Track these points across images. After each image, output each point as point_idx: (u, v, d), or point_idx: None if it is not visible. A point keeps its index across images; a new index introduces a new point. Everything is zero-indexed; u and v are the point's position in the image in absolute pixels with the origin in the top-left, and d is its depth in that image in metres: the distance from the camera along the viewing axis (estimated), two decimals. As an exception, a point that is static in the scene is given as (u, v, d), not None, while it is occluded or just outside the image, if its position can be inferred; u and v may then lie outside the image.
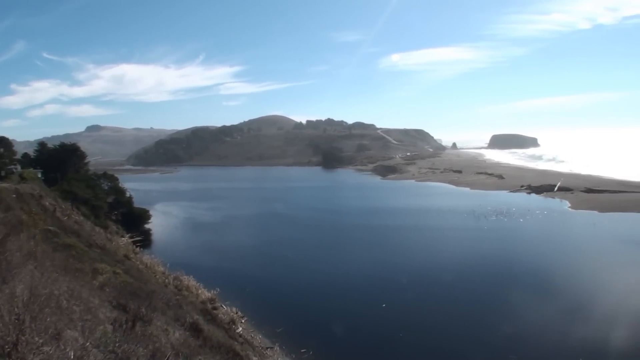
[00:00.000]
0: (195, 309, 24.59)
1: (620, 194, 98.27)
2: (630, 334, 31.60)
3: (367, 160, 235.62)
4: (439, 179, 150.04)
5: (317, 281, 46.37)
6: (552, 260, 53.63)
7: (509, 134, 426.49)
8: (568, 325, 33.55)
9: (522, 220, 75.41)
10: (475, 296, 40.94)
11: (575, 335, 31.52)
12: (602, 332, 31.86)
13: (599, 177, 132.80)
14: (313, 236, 69.80)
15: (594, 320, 34.35)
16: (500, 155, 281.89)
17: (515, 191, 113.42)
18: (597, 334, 31.60)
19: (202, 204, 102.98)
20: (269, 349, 28.97)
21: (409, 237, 66.94)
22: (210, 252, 59.01)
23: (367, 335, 32.90)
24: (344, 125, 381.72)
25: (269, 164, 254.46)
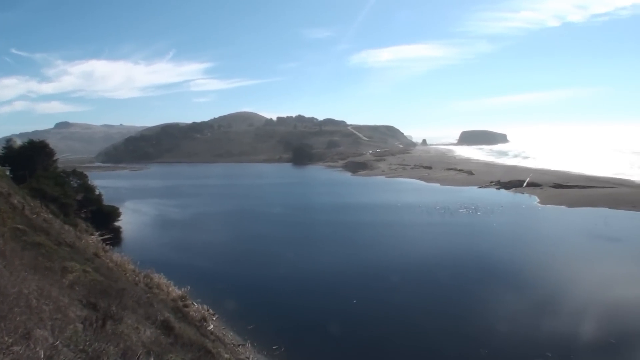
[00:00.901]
0: (166, 307, 24.44)
1: (588, 189, 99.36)
2: (597, 326, 31.99)
3: (338, 156, 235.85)
4: (409, 175, 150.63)
5: (288, 278, 46.30)
6: (521, 254, 54.12)
7: (478, 130, 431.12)
8: (537, 318, 33.86)
9: (492, 216, 75.96)
10: (446, 291, 41.20)
11: (545, 329, 31.84)
12: (570, 325, 32.26)
13: (568, 173, 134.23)
14: (283, 233, 69.74)
15: (563, 313, 34.76)
16: (469, 152, 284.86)
17: (484, 187, 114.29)
18: (566, 327, 31.98)
19: (172, 201, 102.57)
20: (240, 346, 28.89)
21: (380, 233, 67.08)
22: (181, 249, 58.78)
23: (338, 331, 32.88)
24: (314, 122, 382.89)
25: (239, 160, 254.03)
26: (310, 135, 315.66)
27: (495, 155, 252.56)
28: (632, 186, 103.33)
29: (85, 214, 64.80)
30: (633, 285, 41.18)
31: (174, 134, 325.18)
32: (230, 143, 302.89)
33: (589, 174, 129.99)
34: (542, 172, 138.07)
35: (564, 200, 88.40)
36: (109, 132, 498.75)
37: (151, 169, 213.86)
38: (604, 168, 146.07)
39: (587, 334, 30.92)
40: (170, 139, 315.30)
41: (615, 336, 30.57)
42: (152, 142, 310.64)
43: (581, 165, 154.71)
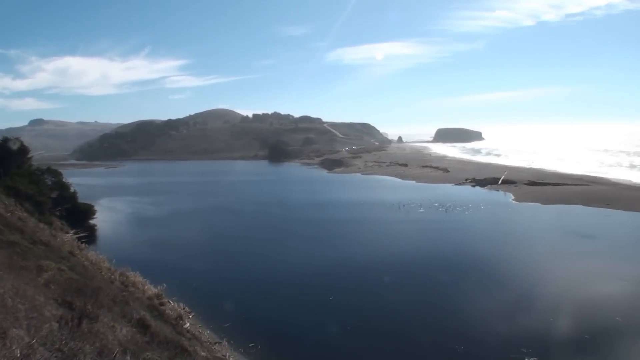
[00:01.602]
0: (142, 305, 24.39)
1: (563, 186, 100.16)
2: (572, 322, 32.36)
3: (314, 153, 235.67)
4: (385, 172, 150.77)
5: (264, 275, 46.34)
6: (497, 251, 54.51)
7: (454, 128, 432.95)
8: (513, 315, 34.19)
9: (468, 213, 76.38)
10: (422, 288, 41.48)
11: (520, 325, 32.17)
12: (545, 321, 32.58)
13: (542, 170, 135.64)
14: (259, 230, 69.71)
15: (538, 309, 35.11)
16: (445, 149, 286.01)
17: (460, 184, 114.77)
18: (541, 323, 32.30)
19: (148, 199, 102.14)
20: (217, 343, 28.86)
21: (356, 230, 67.36)
22: (157, 247, 58.62)
23: (315, 328, 33.07)
24: (290, 119, 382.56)
25: (215, 157, 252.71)
26: (287, 132, 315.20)
27: (470, 152, 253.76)
28: (606, 184, 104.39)
29: (60, 212, 64.22)
30: (606, 281, 41.64)
31: (150, 131, 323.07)
32: (206, 140, 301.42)
33: (563, 171, 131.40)
34: (517, 169, 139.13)
35: (538, 197, 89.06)
36: (83, 129, 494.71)
37: (126, 167, 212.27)
38: (575, 166, 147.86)
39: (562, 329, 31.28)
40: (146, 136, 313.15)
41: (589, 332, 30.93)
42: (127, 139, 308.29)
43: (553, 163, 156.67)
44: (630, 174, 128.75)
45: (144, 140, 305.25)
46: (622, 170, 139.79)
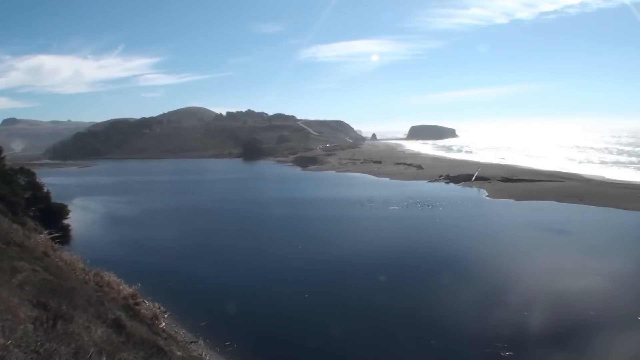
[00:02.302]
0: (117, 305, 24.28)
1: (536, 182, 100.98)
2: (546, 316, 32.66)
3: (288, 151, 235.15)
4: (359, 169, 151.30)
5: (239, 274, 46.37)
6: (471, 247, 54.91)
7: (427, 125, 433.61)
8: (487, 310, 34.42)
9: (441, 209, 76.76)
10: (396, 284, 41.51)
11: (494, 320, 32.39)
12: (519, 316, 32.89)
13: (516, 167, 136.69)
14: (233, 228, 69.57)
15: (512, 304, 35.40)
16: (419, 146, 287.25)
17: (433, 181, 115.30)
18: (515, 318, 32.60)
19: (122, 198, 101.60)
20: (193, 343, 28.84)
21: (331, 228, 67.42)
22: (131, 246, 58.30)
23: (291, 325, 33.12)
24: (264, 117, 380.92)
25: (189, 156, 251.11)
26: (260, 130, 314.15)
27: (444, 149, 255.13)
28: (578, 180, 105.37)
29: (34, 212, 63.67)
30: (580, 276, 42.10)
31: (123, 130, 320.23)
32: (180, 138, 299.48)
33: (537, 168, 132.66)
34: (491, 166, 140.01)
35: (512, 193, 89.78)
36: (56, 128, 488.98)
37: (100, 166, 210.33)
38: (546, 162, 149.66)
39: (537, 324, 31.58)
40: (119, 134, 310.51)
41: (563, 326, 31.24)
42: (100, 138, 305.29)
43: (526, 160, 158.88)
44: (600, 170, 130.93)
45: (118, 139, 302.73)
46: (591, 166, 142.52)
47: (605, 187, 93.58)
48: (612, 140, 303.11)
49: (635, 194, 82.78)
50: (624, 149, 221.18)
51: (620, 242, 55.26)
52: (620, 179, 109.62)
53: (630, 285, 39.75)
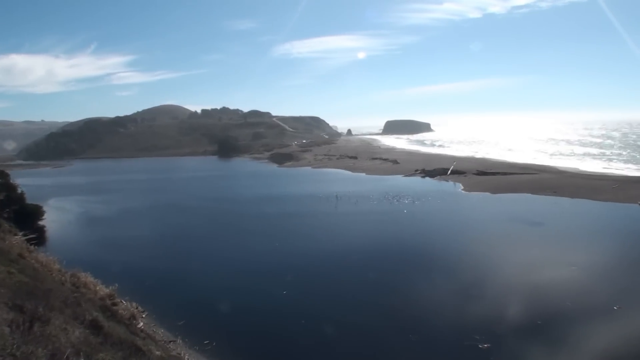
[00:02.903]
0: (94, 306, 24.11)
1: (511, 175, 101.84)
2: (523, 308, 32.92)
3: (264, 148, 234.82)
4: (335, 165, 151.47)
5: (216, 272, 46.21)
6: (448, 240, 55.21)
7: (403, 120, 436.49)
8: (465, 303, 34.63)
9: (418, 203, 77.07)
10: (374, 279, 41.59)
11: (472, 312, 32.61)
12: (497, 308, 33.12)
13: (491, 160, 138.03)
14: (210, 226, 69.53)
15: (490, 297, 35.67)
16: (394, 141, 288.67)
17: (409, 175, 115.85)
18: (493, 310, 32.83)
19: (97, 198, 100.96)
20: (171, 342, 28.69)
21: (307, 224, 67.37)
22: (107, 246, 57.85)
23: (269, 322, 33.09)
24: (239, 114, 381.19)
25: (164, 154, 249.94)
26: (236, 127, 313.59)
27: (419, 144, 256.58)
28: (552, 172, 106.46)
29: (8, 213, 63.08)
30: (556, 267, 42.43)
31: (97, 129, 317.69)
32: (155, 137, 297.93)
33: (511, 161, 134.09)
34: (466, 159, 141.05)
35: (487, 186, 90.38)
36: (30, 128, 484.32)
37: (74, 166, 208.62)
38: (519, 155, 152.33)
39: (514, 315, 31.82)
40: (93, 134, 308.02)
41: (540, 317, 31.49)
42: (74, 137, 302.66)
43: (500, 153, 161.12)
44: (573, 162, 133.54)
45: (92, 138, 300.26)
46: (564, 158, 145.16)
47: (578, 178, 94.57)
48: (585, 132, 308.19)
49: (608, 185, 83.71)
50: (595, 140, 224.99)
51: (594, 233, 55.84)
52: (594, 170, 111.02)
53: (606, 276, 40.15)
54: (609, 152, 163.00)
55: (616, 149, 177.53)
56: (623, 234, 54.74)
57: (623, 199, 71.89)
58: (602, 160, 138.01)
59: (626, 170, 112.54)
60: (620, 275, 40.43)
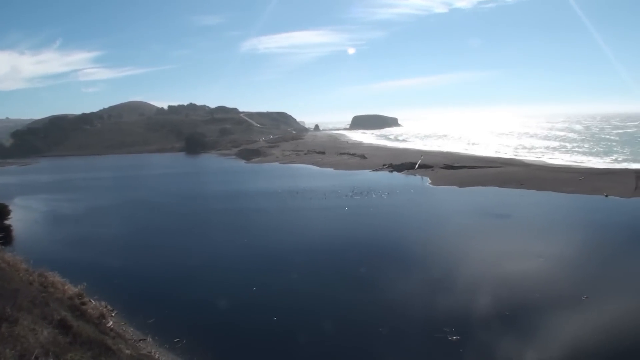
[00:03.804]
0: (63, 306, 23.95)
1: (478, 169, 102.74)
2: (491, 299, 33.30)
3: (231, 144, 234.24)
4: (303, 160, 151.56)
5: (185, 269, 45.85)
6: (415, 234, 55.57)
7: (370, 115, 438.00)
8: (434, 295, 34.89)
9: (386, 198, 77.39)
10: (343, 274, 41.70)
11: (441, 305, 32.86)
12: (465, 300, 33.44)
13: (457, 154, 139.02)
14: (177, 223, 69.16)
15: (458, 289, 35.97)
16: (362, 136, 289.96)
17: (377, 170, 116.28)
18: (461, 302, 33.13)
19: (64, 196, 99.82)
20: (141, 340, 28.59)
21: (275, 219, 67.35)
22: (75, 245, 57.31)
23: (239, 318, 33.09)
24: (206, 110, 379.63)
25: (131, 151, 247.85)
26: (203, 123, 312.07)
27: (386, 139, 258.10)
28: (519, 165, 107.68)
29: (-28, 213, 62.45)
30: (524, 259, 42.92)
31: (63, 126, 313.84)
32: (122, 134, 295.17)
33: (478, 154, 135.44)
34: (433, 154, 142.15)
35: (454, 180, 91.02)
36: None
37: (41, 164, 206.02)
38: (483, 149, 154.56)
39: (483, 307, 32.17)
40: (60, 131, 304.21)
41: (509, 308, 31.89)
42: (40, 135, 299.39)
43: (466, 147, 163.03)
44: (538, 155, 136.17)
45: (58, 136, 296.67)
46: (529, 152, 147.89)
47: (544, 171, 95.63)
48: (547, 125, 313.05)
49: (574, 177, 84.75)
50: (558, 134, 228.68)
51: (560, 225, 56.52)
52: (559, 163, 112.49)
53: (572, 266, 40.75)
54: (570, 145, 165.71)
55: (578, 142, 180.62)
56: (589, 225, 55.54)
57: (589, 191, 72.85)
58: (562, 153, 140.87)
59: (588, 162, 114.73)
60: (587, 265, 41.06)
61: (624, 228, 53.33)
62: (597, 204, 66.44)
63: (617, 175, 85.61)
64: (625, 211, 62.33)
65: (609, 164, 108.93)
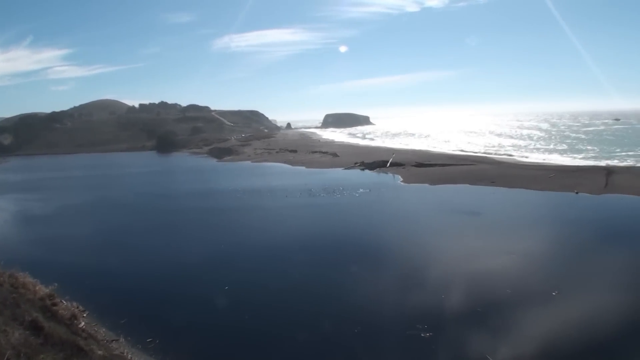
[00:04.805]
0: (34, 307, 23.78)
1: (449, 166, 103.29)
2: (464, 296, 33.53)
3: (203, 142, 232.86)
4: (275, 159, 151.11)
5: (157, 268, 45.67)
6: (387, 232, 55.76)
7: (342, 113, 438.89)
8: (406, 293, 35.04)
9: (357, 196, 77.55)
10: (316, 273, 41.74)
11: (413, 303, 33.03)
12: (438, 297, 33.62)
13: (429, 152, 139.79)
14: (150, 222, 68.74)
15: (430, 286, 36.19)
16: (334, 134, 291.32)
17: (349, 168, 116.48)
18: (434, 300, 33.32)
19: (34, 196, 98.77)
20: (114, 341, 28.46)
21: (246, 218, 67.03)
22: (46, 245, 56.69)
23: (211, 318, 32.99)
24: (178, 108, 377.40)
25: (101, 150, 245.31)
26: (174, 122, 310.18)
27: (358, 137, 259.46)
28: (490, 162, 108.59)
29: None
30: (495, 255, 43.26)
31: (33, 125, 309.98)
32: (92, 132, 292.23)
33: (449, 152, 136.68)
34: (405, 151, 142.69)
35: (426, 178, 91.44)
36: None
37: (10, 163, 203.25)
38: (453, 147, 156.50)
39: (455, 304, 32.39)
40: (29, 130, 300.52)
41: (481, 305, 32.14)
42: (9, 134, 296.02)
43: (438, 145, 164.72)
44: (507, 152, 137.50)
45: (28, 135, 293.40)
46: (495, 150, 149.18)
47: (515, 169, 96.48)
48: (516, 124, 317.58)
49: (545, 174, 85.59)
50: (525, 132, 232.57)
51: (532, 222, 57.04)
52: (531, 160, 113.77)
53: (543, 262, 41.16)
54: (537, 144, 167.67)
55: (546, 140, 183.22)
56: (560, 221, 56.03)
57: (559, 188, 73.60)
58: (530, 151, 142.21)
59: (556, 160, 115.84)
60: (558, 261, 41.51)
61: (594, 224, 53.98)
62: (568, 200, 67.10)
63: (587, 172, 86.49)
64: (595, 208, 62.97)
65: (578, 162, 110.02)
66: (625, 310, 30.73)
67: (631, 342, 27.15)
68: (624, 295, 33.24)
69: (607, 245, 45.90)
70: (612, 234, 50.46)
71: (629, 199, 65.79)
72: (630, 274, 37.54)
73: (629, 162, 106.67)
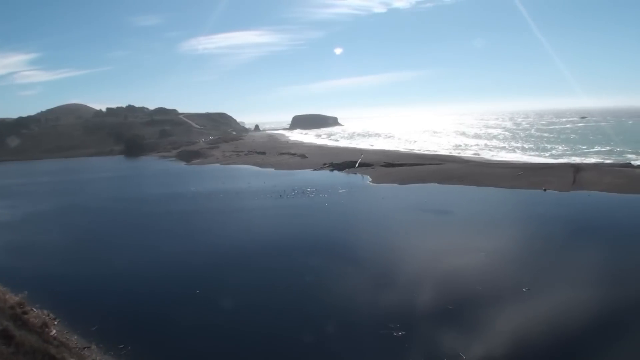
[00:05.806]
0: (5, 316, 23.55)
1: (418, 166, 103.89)
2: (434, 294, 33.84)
3: (171, 146, 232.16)
4: (244, 161, 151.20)
5: (127, 274, 45.33)
6: (356, 233, 55.91)
7: (310, 114, 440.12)
8: (377, 293, 35.22)
9: (326, 197, 77.68)
10: (287, 275, 41.75)
11: (385, 303, 33.21)
12: (409, 297, 33.84)
13: (398, 152, 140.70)
14: (118, 227, 68.23)
15: (401, 286, 36.40)
16: (302, 135, 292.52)
17: (318, 169, 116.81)
18: (406, 299, 33.53)
19: (1, 203, 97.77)
20: (86, 348, 28.29)
21: (215, 221, 66.95)
22: (15, 253, 56.14)
23: (185, 323, 32.86)
24: (145, 112, 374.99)
25: (69, 155, 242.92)
26: (142, 125, 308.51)
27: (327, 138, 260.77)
28: (459, 162, 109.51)
29: None
30: (466, 253, 43.58)
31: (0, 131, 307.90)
32: (59, 137, 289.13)
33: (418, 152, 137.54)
34: (373, 152, 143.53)
35: (395, 178, 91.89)
36: None
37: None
38: (420, 146, 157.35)
39: (426, 303, 32.63)
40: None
41: (452, 302, 32.42)
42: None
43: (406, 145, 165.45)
44: (474, 151, 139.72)
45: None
46: (462, 149, 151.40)
47: (483, 167, 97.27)
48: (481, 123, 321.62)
49: (512, 172, 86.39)
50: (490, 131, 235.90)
51: (501, 219, 57.64)
52: (498, 159, 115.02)
53: (513, 260, 41.55)
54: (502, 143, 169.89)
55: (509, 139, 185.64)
56: (529, 218, 56.48)
57: (527, 185, 74.40)
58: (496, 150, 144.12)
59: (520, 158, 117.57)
60: (527, 258, 41.98)
61: (562, 221, 54.53)
62: (536, 198, 67.78)
63: (555, 169, 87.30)
64: (563, 204, 63.64)
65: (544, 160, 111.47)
66: (594, 304, 31.19)
67: (599, 336, 27.59)
68: (591, 290, 33.72)
69: (575, 241, 46.52)
70: (580, 229, 51.14)
71: (597, 195, 66.64)
72: (598, 269, 38.07)
73: (593, 158, 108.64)
